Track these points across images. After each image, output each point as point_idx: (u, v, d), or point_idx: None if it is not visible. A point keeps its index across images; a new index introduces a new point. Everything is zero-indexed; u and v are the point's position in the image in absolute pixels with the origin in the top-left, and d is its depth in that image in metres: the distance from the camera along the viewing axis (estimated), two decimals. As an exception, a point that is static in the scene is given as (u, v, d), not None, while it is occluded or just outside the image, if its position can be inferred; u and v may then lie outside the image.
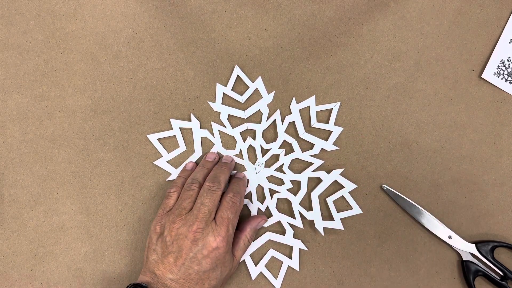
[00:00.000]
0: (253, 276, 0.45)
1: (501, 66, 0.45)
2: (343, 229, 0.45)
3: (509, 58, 0.45)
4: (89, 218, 0.46)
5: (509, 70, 0.45)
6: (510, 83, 0.45)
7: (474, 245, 0.44)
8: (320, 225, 0.45)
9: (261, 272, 0.45)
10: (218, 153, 0.46)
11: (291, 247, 0.46)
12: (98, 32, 0.47)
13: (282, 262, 0.46)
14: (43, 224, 0.46)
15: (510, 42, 0.45)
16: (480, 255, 0.44)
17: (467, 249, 0.45)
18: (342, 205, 0.46)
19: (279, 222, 0.46)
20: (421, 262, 0.45)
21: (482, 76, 0.46)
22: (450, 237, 0.45)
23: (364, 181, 0.46)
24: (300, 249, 0.45)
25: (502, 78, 0.45)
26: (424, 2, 0.47)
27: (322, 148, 0.46)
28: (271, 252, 0.46)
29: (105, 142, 0.46)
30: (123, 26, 0.47)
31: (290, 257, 0.45)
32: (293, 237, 0.46)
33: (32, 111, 0.46)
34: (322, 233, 0.45)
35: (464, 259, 0.44)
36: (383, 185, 0.46)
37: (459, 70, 0.47)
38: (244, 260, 0.45)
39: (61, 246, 0.45)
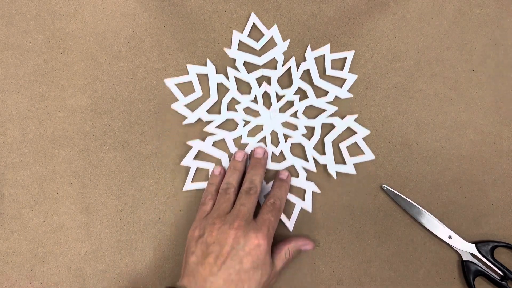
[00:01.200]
0: None
1: None
2: (355, 173, 0.46)
3: None
4: (89, 218, 0.46)
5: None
6: None
7: (474, 245, 0.44)
8: (333, 169, 0.45)
9: None
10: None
11: (304, 190, 0.46)
12: (98, 32, 0.47)
13: (295, 204, 0.46)
14: (43, 224, 0.46)
15: None
16: (480, 255, 0.44)
17: (467, 249, 0.45)
18: (355, 152, 0.46)
19: (292, 166, 0.46)
20: (421, 262, 0.45)
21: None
22: (450, 237, 0.45)
23: (364, 181, 0.46)
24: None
25: None
26: (424, 2, 0.47)
27: (336, 96, 0.46)
28: None
29: (105, 142, 0.46)
30: (123, 26, 0.47)
31: (303, 199, 0.46)
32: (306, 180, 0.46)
33: (32, 111, 0.46)
34: (335, 177, 0.46)
35: (464, 259, 0.44)
36: (383, 185, 0.46)
37: (459, 70, 0.47)
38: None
39: (61, 246, 0.45)
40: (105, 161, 0.46)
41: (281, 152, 0.46)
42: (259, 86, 0.46)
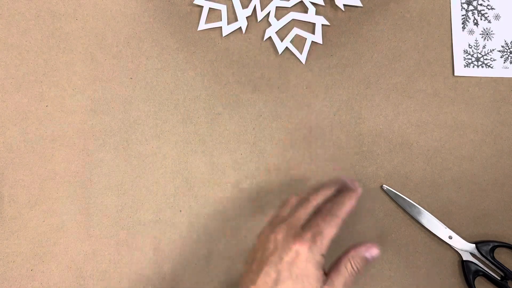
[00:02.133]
0: (280, 51, 0.47)
1: (466, 56, 0.46)
2: (361, 6, 0.47)
3: (469, 45, 0.46)
4: (89, 218, 0.46)
5: (475, 56, 0.46)
6: (482, 67, 0.45)
7: (474, 245, 0.44)
8: (340, 1, 0.47)
9: (287, 47, 0.47)
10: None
11: (314, 24, 0.47)
12: (98, 32, 0.47)
13: (306, 38, 0.47)
14: (43, 224, 0.46)
15: (463, 30, 0.45)
16: (480, 255, 0.44)
17: (467, 249, 0.45)
18: None
19: (301, 2, 0.47)
20: (421, 262, 0.45)
21: (456, 74, 0.46)
22: (450, 237, 0.45)
23: (364, 181, 0.46)
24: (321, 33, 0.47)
25: (473, 66, 0.45)
26: (424, 2, 0.47)
27: None
28: (295, 31, 0.47)
29: (105, 142, 0.46)
30: (123, 26, 0.47)
31: (313, 33, 0.47)
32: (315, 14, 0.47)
33: (32, 111, 0.46)
34: (342, 9, 0.47)
35: (464, 259, 0.44)
36: (383, 185, 0.46)
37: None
38: (270, 37, 0.47)
39: (61, 246, 0.45)
40: (105, 161, 0.46)
41: None
42: None
